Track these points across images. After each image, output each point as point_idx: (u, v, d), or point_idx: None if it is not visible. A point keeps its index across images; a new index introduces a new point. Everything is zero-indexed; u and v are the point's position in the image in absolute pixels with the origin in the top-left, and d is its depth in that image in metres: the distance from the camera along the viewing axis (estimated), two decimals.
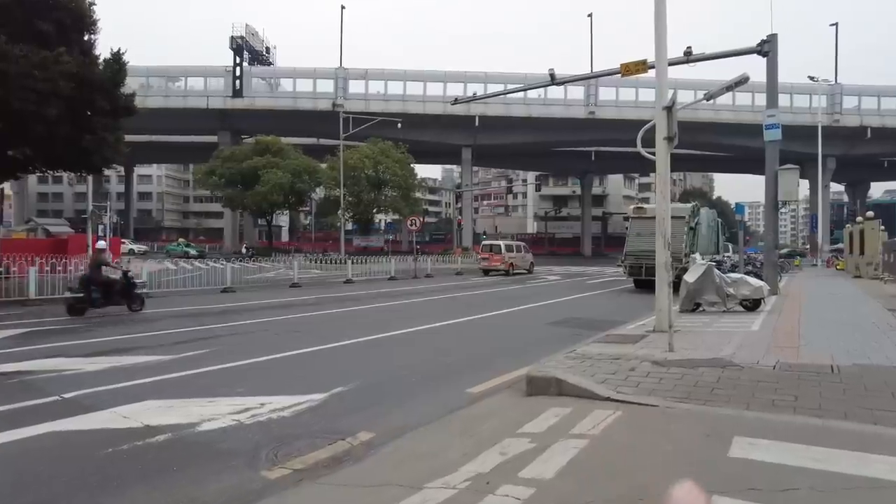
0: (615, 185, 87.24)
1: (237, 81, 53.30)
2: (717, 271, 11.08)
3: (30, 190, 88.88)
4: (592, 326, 10.63)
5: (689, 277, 11.24)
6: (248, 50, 56.47)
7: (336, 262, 31.68)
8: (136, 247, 55.65)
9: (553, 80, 17.69)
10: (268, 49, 60.42)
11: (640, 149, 9.60)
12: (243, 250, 46.94)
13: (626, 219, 14.89)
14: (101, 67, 22.95)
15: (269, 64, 60.46)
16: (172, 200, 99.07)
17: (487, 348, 8.74)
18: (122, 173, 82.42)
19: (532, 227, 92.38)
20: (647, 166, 74.87)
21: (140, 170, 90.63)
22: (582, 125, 53.66)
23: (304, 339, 9.31)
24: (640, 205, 15.25)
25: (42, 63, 20.46)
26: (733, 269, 15.59)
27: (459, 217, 54.42)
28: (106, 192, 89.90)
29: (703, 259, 11.19)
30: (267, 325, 10.92)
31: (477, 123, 52.49)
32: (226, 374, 6.73)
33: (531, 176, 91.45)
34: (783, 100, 52.55)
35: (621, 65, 14.37)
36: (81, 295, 11.88)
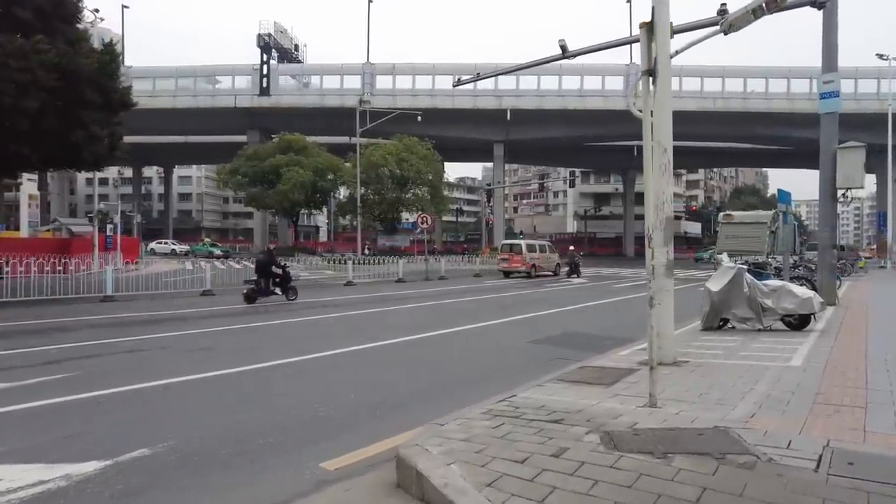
0: None
1: (264, 80, 52.50)
2: (748, 277, 8.43)
3: (79, 192, 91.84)
4: (584, 346, 8.26)
5: (713, 285, 8.64)
6: (276, 48, 55.65)
7: (344, 263, 29.89)
8: (178, 247, 55.98)
9: (564, 52, 15.17)
10: (297, 47, 59.54)
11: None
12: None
13: (718, 224, 18.41)
14: (91, 59, 21.80)
15: (299, 62, 59.53)
16: (212, 201, 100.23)
17: (427, 380, 6.48)
18: (163, 174, 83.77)
19: (572, 226, 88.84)
20: (695, 161, 70.62)
21: (180, 171, 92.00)
22: (621, 118, 50.00)
23: (202, 361, 7.29)
24: (729, 212, 17.76)
25: (18, 52, 19.34)
26: (777, 273, 12.70)
27: (489, 215, 51.88)
28: (146, 194, 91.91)
29: (732, 262, 8.55)
30: (180, 341, 8.97)
31: (509, 117, 49.92)
32: (22, 418, 4.78)
33: (570, 173, 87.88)
34: (847, 85, 47.86)
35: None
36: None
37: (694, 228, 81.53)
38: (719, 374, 5.54)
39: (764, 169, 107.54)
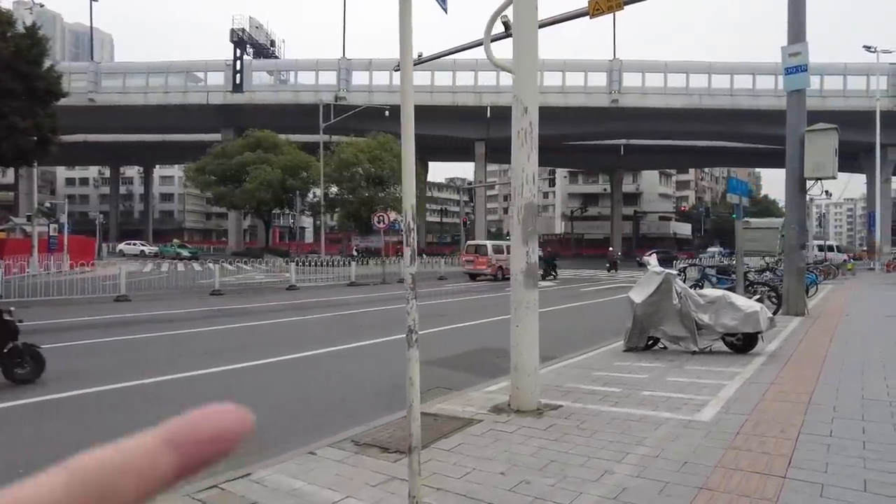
0: (650, 182, 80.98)
1: (237, 76, 50.69)
2: (679, 286, 6.67)
3: (59, 192, 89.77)
4: (482, 368, 6.68)
5: (636, 295, 6.86)
6: (251, 44, 53.87)
7: (302, 265, 28.09)
8: (146, 248, 54.19)
9: (507, 29, 13.37)
10: (273, 42, 57.74)
11: (488, 54, 5.41)
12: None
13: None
14: (6, 43, 20.04)
15: (276, 58, 57.74)
16: (194, 201, 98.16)
17: None
18: (143, 174, 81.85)
19: (560, 227, 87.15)
20: (684, 160, 69.18)
21: (162, 171, 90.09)
22: (604, 115, 48.57)
23: None
24: (747, 219, 18.92)
25: None
26: (719, 276, 10.89)
27: (465, 216, 50.17)
28: (127, 194, 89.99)
29: (659, 267, 6.74)
30: None
31: (489, 115, 48.19)
32: None
33: (559, 173, 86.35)
34: (835, 82, 46.35)
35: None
36: None
37: (684, 230, 79.79)
38: (582, 435, 3.77)
39: (757, 169, 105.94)
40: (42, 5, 32.37)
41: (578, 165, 76.46)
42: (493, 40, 5.66)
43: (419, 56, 17.33)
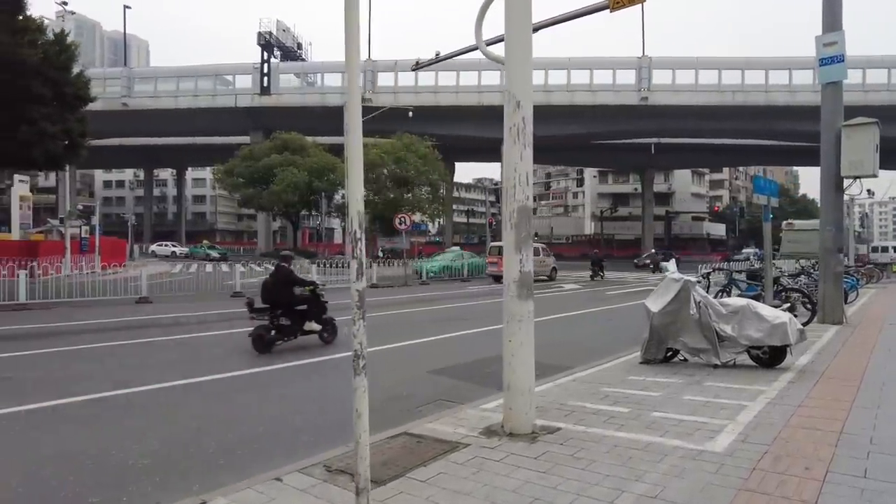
0: (682, 181, 79.06)
1: (265, 78, 51.24)
2: (699, 293, 6.16)
3: (97, 194, 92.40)
4: (489, 379, 6.23)
5: (653, 304, 6.38)
6: (278, 47, 54.40)
7: (326, 266, 28.06)
8: (177, 249, 55.22)
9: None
10: (300, 45, 58.21)
11: (480, 45, 5.03)
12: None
13: (781, 232, 21.83)
14: (35, 50, 20.38)
15: (302, 60, 58.23)
16: (225, 203, 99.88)
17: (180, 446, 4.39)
18: (176, 176, 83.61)
19: (590, 227, 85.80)
20: (718, 159, 67.61)
21: (194, 173, 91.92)
22: (633, 113, 47.53)
23: None
24: (790, 220, 20.14)
25: None
26: (795, 279, 10.18)
27: (491, 216, 49.67)
28: (161, 196, 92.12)
29: (678, 272, 6.23)
30: None
31: None
32: None
33: (588, 172, 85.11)
34: (879, 75, 44.31)
35: None
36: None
37: (717, 230, 77.68)
38: (576, 467, 3.36)
39: (794, 168, 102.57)
40: (73, 13, 33.11)
41: (608, 164, 75.17)
42: (488, 43, 5.26)
43: (436, 55, 17.05)
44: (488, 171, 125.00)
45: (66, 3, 40.98)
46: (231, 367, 7.18)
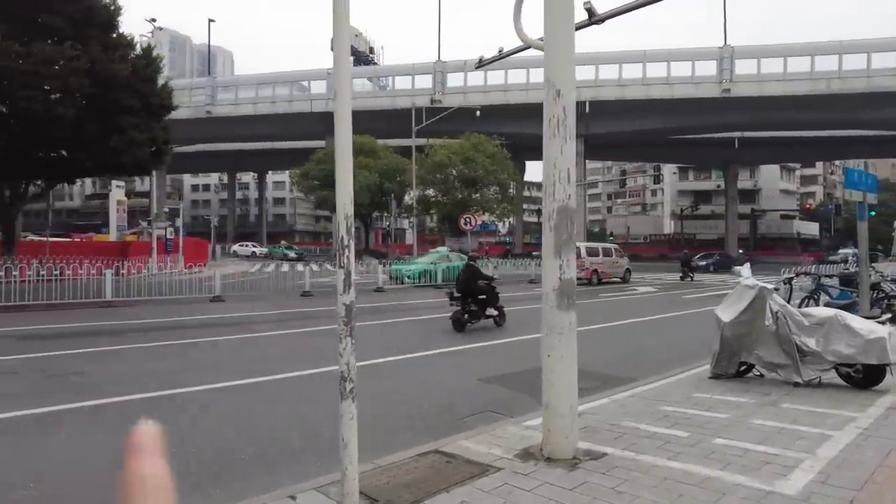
0: (770, 177, 74.07)
1: None
2: (776, 302, 5.49)
3: (185, 197, 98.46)
4: (541, 392, 5.77)
5: (724, 313, 5.77)
6: (350, 52, 55.78)
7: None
8: (257, 249, 57.94)
9: (591, 16, 12.34)
10: (372, 49, 59.48)
11: (518, 28, 4.64)
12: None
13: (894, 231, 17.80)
14: (125, 64, 21.76)
15: (375, 64, 59.40)
16: (305, 205, 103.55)
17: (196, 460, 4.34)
18: (257, 179, 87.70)
19: (669, 226, 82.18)
20: (809, 153, 63.09)
21: (274, 176, 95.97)
22: (714, 105, 44.99)
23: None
24: None
25: (48, 59, 19.45)
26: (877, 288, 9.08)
27: None
28: (244, 199, 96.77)
29: (753, 278, 5.55)
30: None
31: (587, 109, 46.29)
32: None
33: (667, 169, 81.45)
34: None
35: None
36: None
37: (810, 229, 72.16)
38: (615, 502, 2.95)
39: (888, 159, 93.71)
40: (161, 28, 35.65)
41: (688, 161, 71.64)
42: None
43: (500, 51, 16.66)
44: None
45: (154, 20, 44.19)
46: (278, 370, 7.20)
